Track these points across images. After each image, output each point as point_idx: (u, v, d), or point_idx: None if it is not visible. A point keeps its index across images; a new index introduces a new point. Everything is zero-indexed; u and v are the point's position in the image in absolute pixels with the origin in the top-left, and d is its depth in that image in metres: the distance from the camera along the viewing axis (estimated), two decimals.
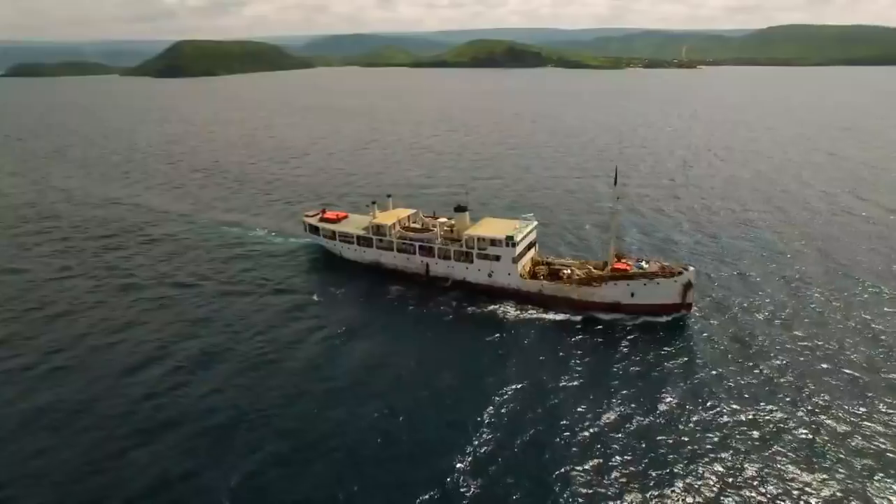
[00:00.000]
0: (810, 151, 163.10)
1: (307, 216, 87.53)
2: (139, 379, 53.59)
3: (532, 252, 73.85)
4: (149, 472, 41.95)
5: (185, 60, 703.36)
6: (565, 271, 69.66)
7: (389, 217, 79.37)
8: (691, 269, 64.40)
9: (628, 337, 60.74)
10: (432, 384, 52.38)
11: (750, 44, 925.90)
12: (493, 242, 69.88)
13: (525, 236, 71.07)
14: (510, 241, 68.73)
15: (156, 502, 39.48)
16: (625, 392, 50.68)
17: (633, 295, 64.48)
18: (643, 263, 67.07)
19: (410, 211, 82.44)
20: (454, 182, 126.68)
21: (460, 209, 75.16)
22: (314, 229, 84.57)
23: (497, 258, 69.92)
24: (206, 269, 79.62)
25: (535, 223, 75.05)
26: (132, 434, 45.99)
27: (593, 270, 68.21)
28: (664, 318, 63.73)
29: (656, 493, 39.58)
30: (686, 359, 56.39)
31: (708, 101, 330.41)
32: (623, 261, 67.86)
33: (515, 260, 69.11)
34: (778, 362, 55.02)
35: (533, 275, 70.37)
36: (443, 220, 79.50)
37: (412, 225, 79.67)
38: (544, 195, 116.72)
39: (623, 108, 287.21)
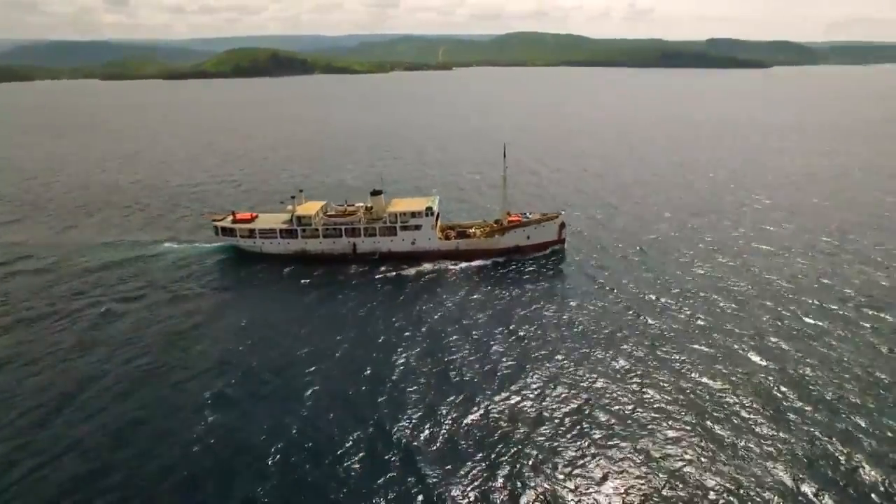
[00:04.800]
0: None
1: (216, 220, 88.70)
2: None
3: (439, 221, 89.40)
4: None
5: None
6: (471, 230, 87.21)
7: (309, 208, 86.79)
8: (563, 212, 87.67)
9: (525, 268, 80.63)
10: (386, 335, 61.57)
11: (493, 47, 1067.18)
12: (414, 215, 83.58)
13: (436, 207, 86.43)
14: (430, 212, 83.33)
15: None
16: (528, 309, 67.60)
17: (528, 238, 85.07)
18: (528, 214, 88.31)
19: (321, 202, 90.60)
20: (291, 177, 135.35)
21: (376, 193, 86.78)
22: (228, 231, 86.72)
23: (418, 227, 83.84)
24: (124, 285, 75.94)
25: (438, 197, 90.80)
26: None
27: (494, 226, 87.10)
28: (549, 251, 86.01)
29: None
30: (563, 274, 78.75)
31: (465, 95, 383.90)
32: (514, 215, 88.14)
33: (434, 227, 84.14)
34: (621, 272, 78.57)
35: (446, 237, 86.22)
36: (359, 204, 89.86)
37: (330, 212, 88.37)
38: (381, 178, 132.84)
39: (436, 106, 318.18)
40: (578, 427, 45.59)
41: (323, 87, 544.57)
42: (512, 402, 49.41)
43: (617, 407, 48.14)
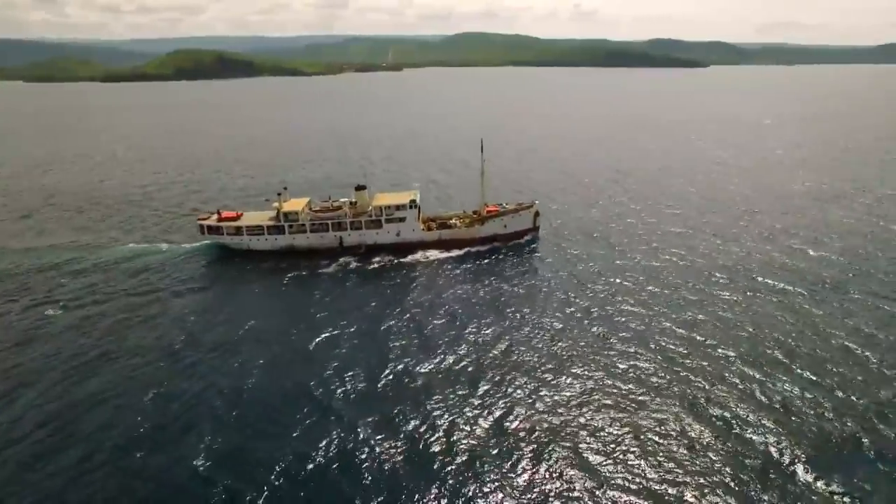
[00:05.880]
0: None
1: (201, 219, 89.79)
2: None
3: (420, 213, 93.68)
4: None
5: None
6: (452, 221, 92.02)
7: (295, 205, 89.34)
8: (537, 202, 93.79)
9: (503, 254, 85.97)
10: (379, 322, 64.27)
11: (443, 47, 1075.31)
12: (399, 207, 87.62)
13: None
14: (413, 204, 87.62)
15: None
16: (504, 290, 74.21)
17: (505, 227, 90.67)
18: (504, 204, 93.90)
19: (306, 199, 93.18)
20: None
21: (360, 188, 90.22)
22: (215, 229, 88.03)
23: (402, 220, 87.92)
24: (112, 286, 75.15)
25: (418, 191, 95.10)
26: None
27: (473, 216, 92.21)
28: (525, 239, 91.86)
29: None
30: (539, 258, 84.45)
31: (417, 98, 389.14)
32: (491, 205, 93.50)
33: (417, 219, 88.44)
34: (590, 256, 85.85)
35: (428, 228, 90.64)
36: (343, 200, 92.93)
37: (315, 208, 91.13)
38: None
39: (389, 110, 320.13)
40: (512, 386, 50.77)
41: (271, 89, 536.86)
42: (462, 365, 54.28)
43: (545, 366, 53.80)
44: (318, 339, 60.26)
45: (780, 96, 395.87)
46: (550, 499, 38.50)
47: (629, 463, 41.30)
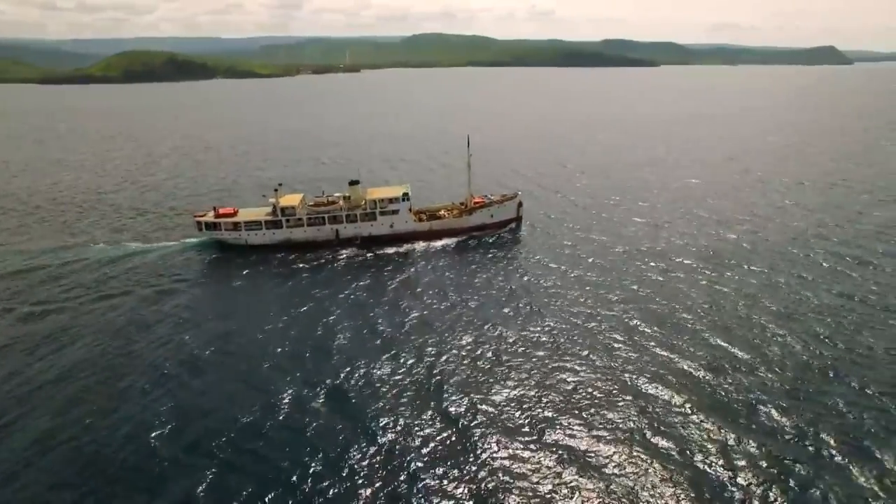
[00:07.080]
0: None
1: (198, 217, 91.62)
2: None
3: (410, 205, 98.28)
4: None
5: None
6: (441, 213, 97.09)
7: (292, 200, 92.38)
8: (519, 193, 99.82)
9: (491, 242, 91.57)
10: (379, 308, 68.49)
11: (402, 48, 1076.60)
12: (392, 200, 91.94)
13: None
14: (406, 197, 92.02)
15: None
16: (489, 277, 79.20)
17: (492, 216, 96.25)
18: (489, 196, 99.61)
19: (300, 195, 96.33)
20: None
21: (354, 182, 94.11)
22: (212, 226, 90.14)
23: (395, 212, 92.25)
24: (116, 284, 75.87)
25: (409, 185, 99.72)
26: None
27: (461, 207, 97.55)
28: (509, 227, 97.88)
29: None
30: (522, 244, 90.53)
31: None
32: (477, 197, 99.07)
33: (410, 211, 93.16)
34: (568, 242, 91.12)
35: (419, 220, 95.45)
36: (338, 194, 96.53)
37: (310, 203, 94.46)
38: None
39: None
40: (481, 360, 55.96)
41: (225, 91, 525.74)
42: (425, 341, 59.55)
43: (513, 341, 59.72)
44: (290, 325, 64.06)
45: (724, 94, 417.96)
46: (480, 450, 43.77)
47: (548, 418, 46.99)
